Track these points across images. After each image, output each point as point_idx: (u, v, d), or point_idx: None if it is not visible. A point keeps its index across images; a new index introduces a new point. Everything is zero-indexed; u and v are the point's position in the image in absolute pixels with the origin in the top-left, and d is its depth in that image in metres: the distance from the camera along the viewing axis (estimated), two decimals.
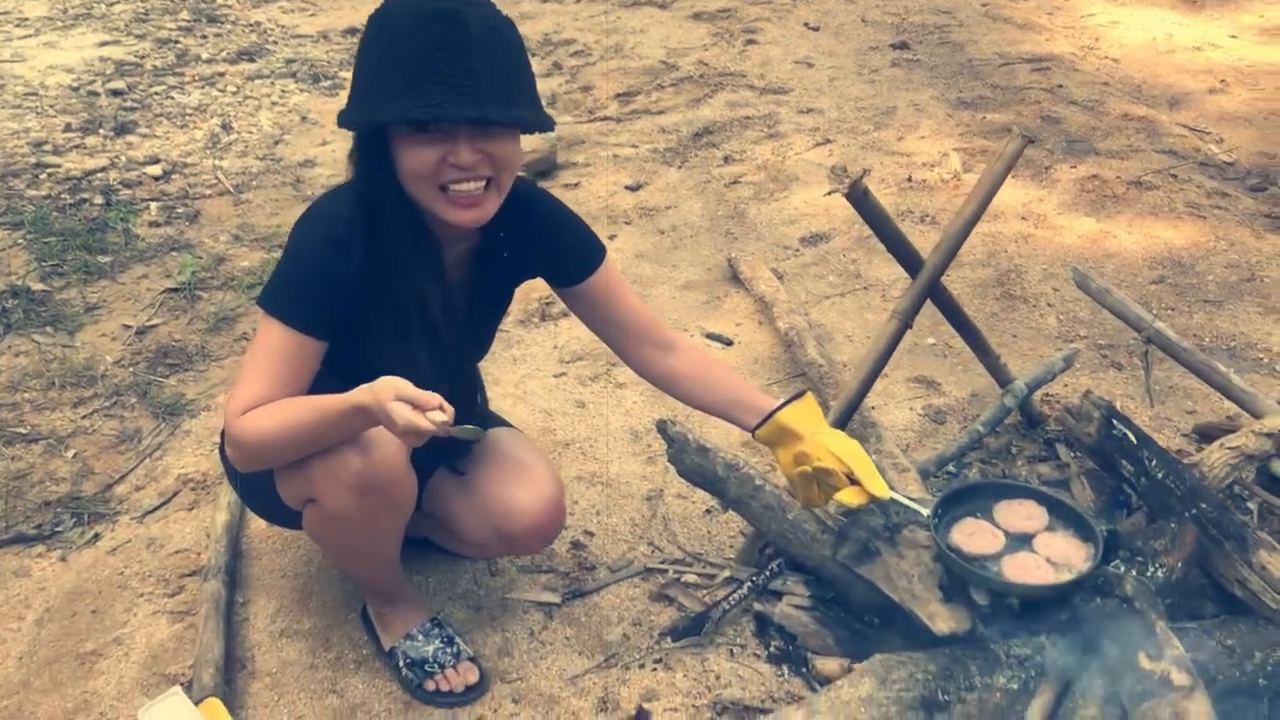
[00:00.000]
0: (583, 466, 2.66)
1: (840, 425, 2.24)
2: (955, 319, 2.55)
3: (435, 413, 1.55)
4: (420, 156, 1.65)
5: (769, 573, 2.16)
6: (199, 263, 3.62)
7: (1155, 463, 2.04)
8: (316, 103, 5.09)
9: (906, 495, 1.97)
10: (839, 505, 1.88)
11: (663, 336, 2.04)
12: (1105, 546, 1.89)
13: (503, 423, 2.22)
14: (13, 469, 2.66)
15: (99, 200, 4.02)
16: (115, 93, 5.03)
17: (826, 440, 1.86)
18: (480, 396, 2.19)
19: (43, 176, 4.18)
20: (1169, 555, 1.89)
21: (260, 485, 1.85)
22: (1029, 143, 2.30)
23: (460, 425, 1.60)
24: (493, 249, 1.91)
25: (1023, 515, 1.99)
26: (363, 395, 1.59)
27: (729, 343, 3.20)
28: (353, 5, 6.45)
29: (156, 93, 5.10)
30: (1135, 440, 2.08)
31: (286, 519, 1.94)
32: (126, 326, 3.28)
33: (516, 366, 3.09)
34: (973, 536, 1.95)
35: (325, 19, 6.32)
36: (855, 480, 1.83)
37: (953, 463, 2.56)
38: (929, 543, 1.95)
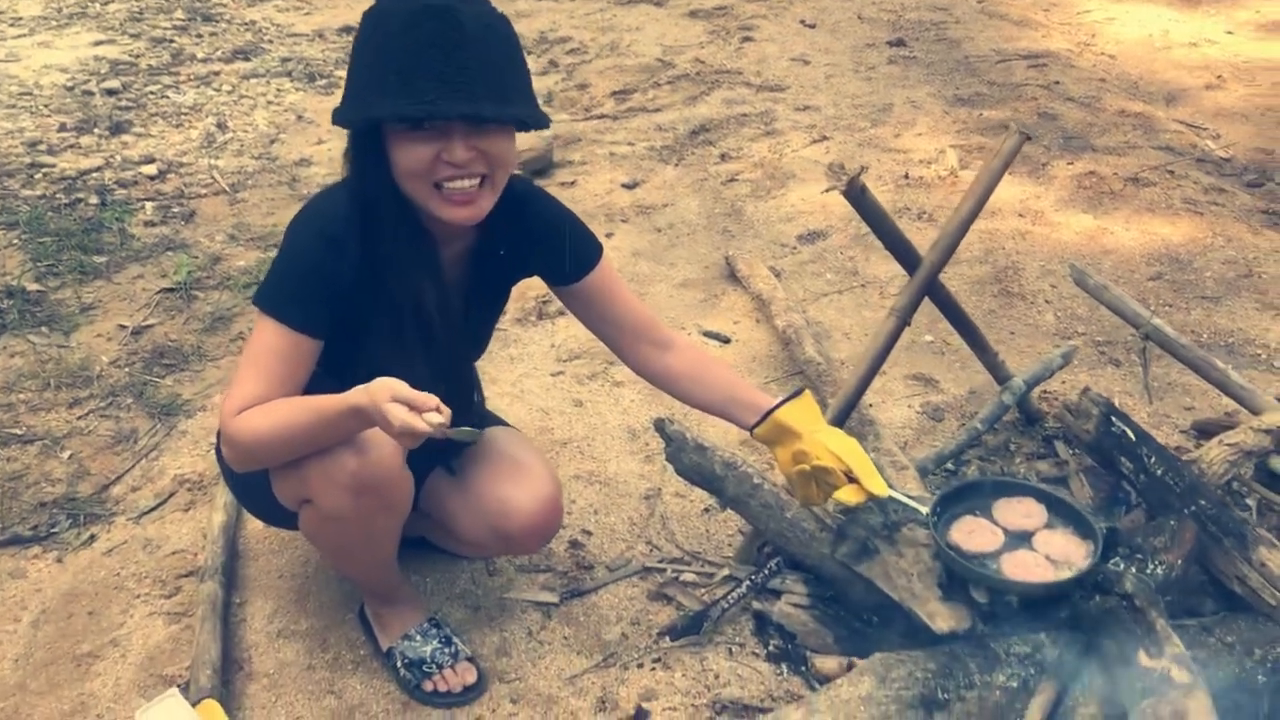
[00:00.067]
0: (580, 465, 2.66)
1: (838, 423, 2.24)
2: (953, 316, 2.55)
3: (432, 414, 1.54)
4: (414, 153, 1.65)
5: (768, 571, 2.15)
6: (195, 262, 3.62)
7: (1154, 460, 2.04)
8: (312, 101, 5.08)
9: (905, 493, 1.96)
10: (837, 503, 1.88)
11: (660, 335, 2.03)
12: (1104, 544, 1.89)
13: (500, 422, 2.21)
14: (8, 470, 2.65)
15: (94, 200, 4.01)
16: (110, 92, 5.02)
17: (825, 438, 1.86)
18: (477, 395, 2.18)
19: (37, 176, 4.17)
20: (1168, 552, 1.89)
21: (256, 486, 1.84)
22: (1026, 139, 2.30)
23: (457, 427, 1.59)
24: (489, 248, 1.90)
25: (1022, 513, 1.99)
26: (359, 396, 1.59)
27: (726, 341, 3.20)
28: (348, 3, 6.44)
29: (151, 92, 5.09)
30: (1134, 437, 2.07)
31: (283, 520, 1.93)
32: (122, 327, 3.27)
33: (514, 365, 3.08)
34: (972, 534, 1.94)
35: (320, 17, 6.31)
36: (854, 478, 1.82)
37: (951, 460, 2.56)
38: (928, 541, 1.95)
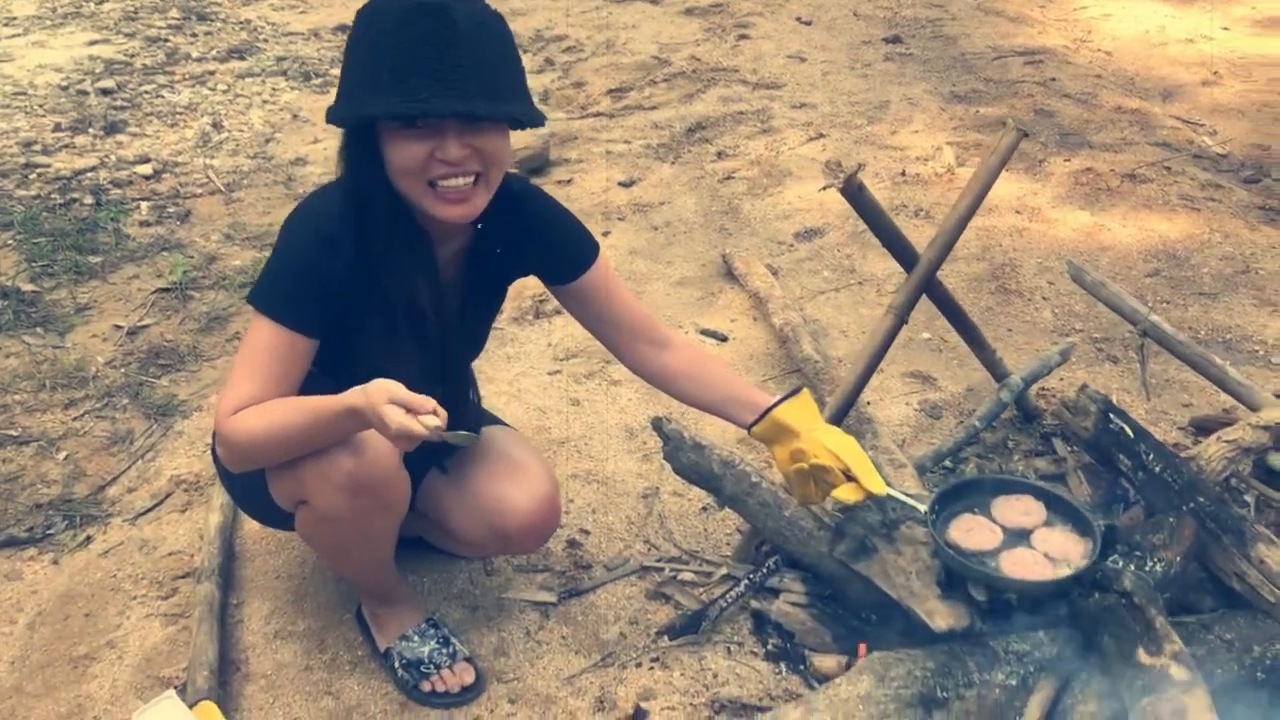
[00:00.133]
0: (578, 464, 2.65)
1: (836, 421, 2.24)
2: (950, 313, 2.54)
3: (429, 417, 1.53)
4: (408, 152, 1.64)
5: (766, 570, 2.15)
6: (190, 262, 3.61)
7: (1152, 457, 2.03)
8: (308, 101, 5.07)
9: (903, 491, 1.96)
10: (836, 502, 1.87)
11: (657, 333, 2.03)
12: (1103, 541, 1.88)
13: (497, 421, 2.20)
14: (3, 471, 2.64)
15: (89, 200, 3.99)
16: (105, 92, 5.00)
17: (823, 437, 1.85)
18: (473, 394, 2.17)
19: (32, 176, 4.16)
20: (1167, 549, 1.88)
21: (253, 486, 1.84)
22: (1023, 136, 2.29)
23: (454, 430, 1.58)
24: (486, 247, 1.90)
25: (1020, 510, 1.99)
26: (355, 398, 1.58)
27: (724, 339, 3.19)
28: (343, 2, 6.42)
29: (146, 91, 5.07)
30: (1132, 434, 2.07)
31: (280, 520, 1.92)
32: (118, 327, 3.26)
33: (510, 364, 3.08)
34: (970, 532, 1.94)
35: (316, 16, 6.29)
36: (852, 477, 1.82)
37: (949, 458, 2.55)
38: (926, 539, 1.95)
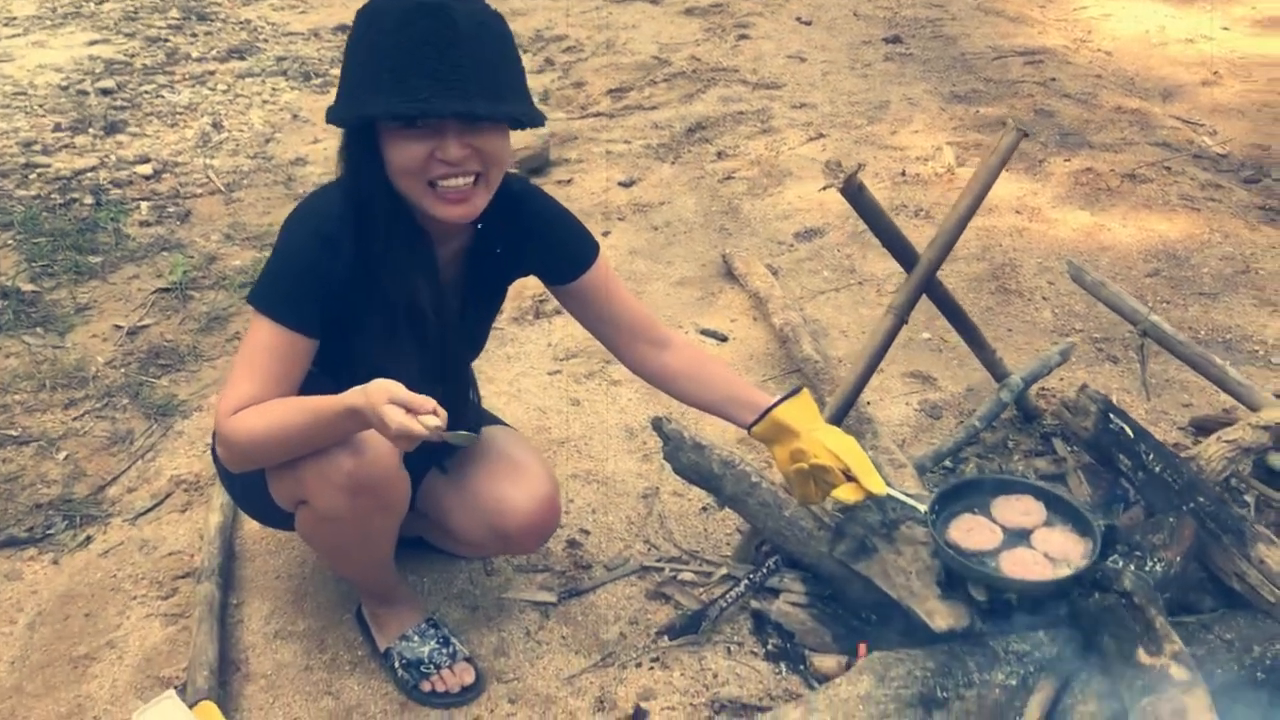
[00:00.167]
0: (578, 464, 2.65)
1: (836, 421, 2.23)
2: (950, 313, 2.54)
3: (429, 417, 1.53)
4: (408, 152, 1.64)
5: (766, 570, 2.15)
6: (190, 262, 3.61)
7: (1152, 457, 2.03)
8: (308, 101, 5.07)
9: (903, 491, 1.96)
10: (836, 502, 1.87)
11: (658, 333, 2.02)
12: (1103, 541, 1.88)
13: (497, 421, 2.20)
14: (3, 471, 2.64)
15: (89, 200, 3.99)
16: (105, 92, 5.00)
17: (823, 437, 1.85)
18: (473, 393, 2.17)
19: (32, 176, 4.16)
20: (1167, 549, 1.88)
21: (253, 486, 1.84)
22: (1023, 136, 2.29)
23: (454, 430, 1.58)
24: (486, 247, 1.90)
25: (1020, 510, 1.99)
26: (355, 398, 1.58)
27: (724, 339, 3.19)
28: (343, 2, 6.41)
29: (146, 91, 5.07)
30: (1132, 434, 2.07)
31: (279, 520, 1.92)
32: (118, 327, 3.26)
33: (510, 364, 3.08)
34: (970, 532, 1.94)
35: (316, 16, 6.29)
36: (852, 477, 1.82)
37: (949, 458, 2.55)
38: (926, 539, 1.95)
